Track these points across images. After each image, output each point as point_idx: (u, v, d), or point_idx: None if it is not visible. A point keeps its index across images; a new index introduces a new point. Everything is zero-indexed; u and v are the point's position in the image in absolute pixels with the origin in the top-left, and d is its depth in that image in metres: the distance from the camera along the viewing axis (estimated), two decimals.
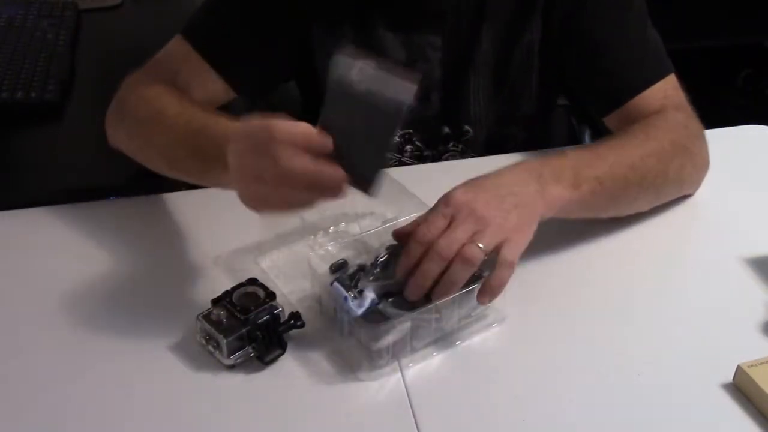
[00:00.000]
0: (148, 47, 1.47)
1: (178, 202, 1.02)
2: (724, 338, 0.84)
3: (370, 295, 0.81)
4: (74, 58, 1.40)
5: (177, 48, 1.03)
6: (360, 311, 0.80)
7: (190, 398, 0.77)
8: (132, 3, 1.63)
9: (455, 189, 0.83)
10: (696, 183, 1.02)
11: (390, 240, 0.85)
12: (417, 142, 1.14)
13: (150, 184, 1.06)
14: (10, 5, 1.51)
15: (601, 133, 1.10)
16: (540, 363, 0.81)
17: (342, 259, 0.86)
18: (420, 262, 0.79)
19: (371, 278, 0.82)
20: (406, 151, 1.15)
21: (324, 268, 0.85)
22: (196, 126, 0.88)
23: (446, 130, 1.13)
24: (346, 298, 0.81)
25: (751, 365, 0.77)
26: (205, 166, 0.85)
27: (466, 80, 1.08)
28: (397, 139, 1.13)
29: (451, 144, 1.14)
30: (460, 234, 0.79)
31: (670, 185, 0.99)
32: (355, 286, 0.81)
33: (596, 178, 0.89)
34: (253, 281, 0.83)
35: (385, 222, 0.91)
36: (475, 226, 0.79)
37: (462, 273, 0.78)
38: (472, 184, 0.84)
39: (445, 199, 0.82)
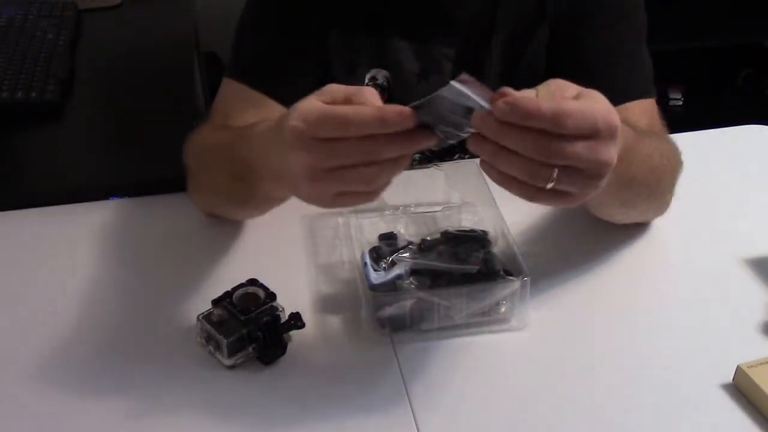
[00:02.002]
0: (148, 47, 1.48)
1: (178, 202, 1.02)
2: (724, 338, 0.84)
3: (397, 270, 0.82)
4: (74, 58, 1.40)
5: (226, 90, 1.02)
6: (377, 281, 0.80)
7: (190, 399, 0.77)
8: (132, 3, 1.63)
9: (610, 105, 0.68)
10: (663, 211, 0.98)
11: (448, 225, 0.86)
12: (426, 152, 1.14)
13: (150, 184, 1.06)
14: (10, 5, 1.51)
15: None
16: (539, 362, 0.82)
17: (391, 231, 0.87)
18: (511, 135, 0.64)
19: (408, 255, 0.83)
20: (414, 160, 1.15)
21: (375, 236, 0.87)
22: (227, 151, 0.85)
23: None
24: (366, 264, 0.82)
25: (751, 365, 0.77)
26: (251, 188, 0.83)
27: None
28: None
29: (456, 156, 1.14)
30: (577, 158, 0.65)
31: (658, 205, 0.97)
32: (392, 259, 0.83)
33: (630, 178, 0.82)
34: (253, 282, 0.83)
35: (447, 207, 0.92)
36: (593, 166, 0.66)
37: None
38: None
39: (606, 112, 0.67)
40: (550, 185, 0.66)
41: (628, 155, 0.76)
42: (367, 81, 1.08)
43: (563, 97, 0.67)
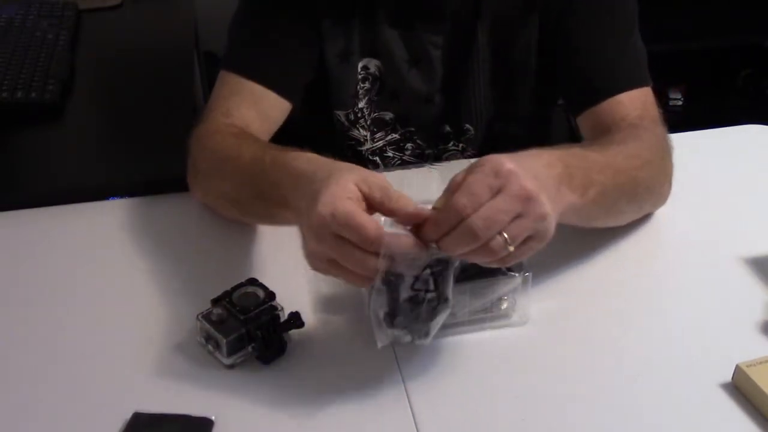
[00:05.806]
0: (148, 47, 1.48)
1: (178, 202, 1.02)
2: (724, 338, 0.84)
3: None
4: (74, 58, 1.40)
5: (224, 84, 1.03)
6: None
7: (190, 398, 0.77)
8: (132, 3, 1.63)
9: (497, 156, 0.72)
10: (664, 200, 1.00)
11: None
12: (418, 141, 1.14)
13: (150, 184, 1.06)
14: (10, 5, 1.51)
15: None
16: (540, 362, 0.82)
17: None
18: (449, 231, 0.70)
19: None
20: (407, 150, 1.15)
21: None
22: (257, 170, 0.87)
23: (447, 129, 1.13)
24: None
25: (750, 365, 0.77)
26: (271, 208, 0.85)
27: (466, 79, 1.09)
28: (397, 136, 1.14)
29: (451, 143, 1.14)
30: (503, 213, 0.69)
31: (651, 200, 0.98)
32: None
33: (601, 188, 0.84)
34: (253, 281, 0.83)
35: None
36: (521, 206, 0.70)
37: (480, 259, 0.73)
38: (511, 155, 0.73)
39: (492, 165, 0.71)
40: (511, 248, 0.70)
41: (578, 170, 0.81)
42: (359, 70, 1.08)
43: (455, 181, 0.73)
